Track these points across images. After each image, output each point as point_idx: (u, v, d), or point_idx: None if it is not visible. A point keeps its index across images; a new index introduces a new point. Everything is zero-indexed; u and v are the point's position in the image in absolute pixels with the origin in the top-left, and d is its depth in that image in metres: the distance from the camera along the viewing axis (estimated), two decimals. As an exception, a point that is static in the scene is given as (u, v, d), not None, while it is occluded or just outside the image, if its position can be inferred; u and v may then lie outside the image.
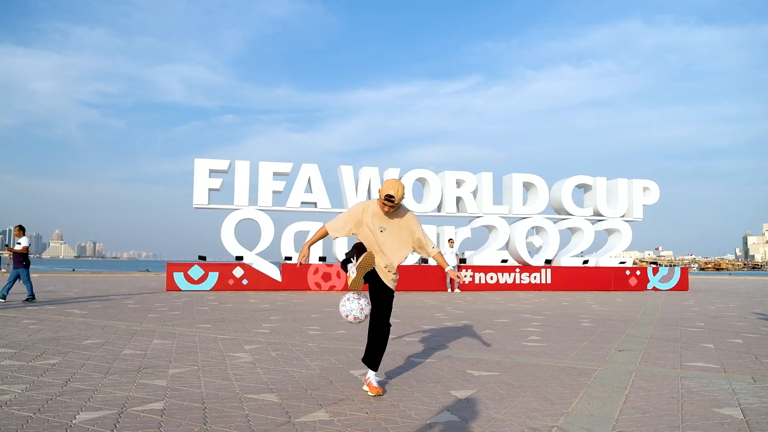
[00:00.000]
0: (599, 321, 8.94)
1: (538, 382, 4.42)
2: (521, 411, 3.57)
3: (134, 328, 7.31)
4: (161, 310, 9.76)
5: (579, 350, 6.00)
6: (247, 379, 4.38)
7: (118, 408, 3.51)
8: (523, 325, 8.31)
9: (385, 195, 3.78)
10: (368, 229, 3.94)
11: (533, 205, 18.87)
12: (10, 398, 3.71)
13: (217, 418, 3.32)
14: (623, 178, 19.57)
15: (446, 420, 3.36)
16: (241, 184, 16.60)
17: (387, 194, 3.77)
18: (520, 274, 18.16)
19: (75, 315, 8.84)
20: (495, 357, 5.53)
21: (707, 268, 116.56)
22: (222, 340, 6.39)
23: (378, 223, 3.93)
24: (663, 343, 6.56)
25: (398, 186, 3.78)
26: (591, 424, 3.31)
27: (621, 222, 19.37)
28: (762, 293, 18.03)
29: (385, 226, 3.93)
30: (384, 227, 3.92)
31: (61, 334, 6.64)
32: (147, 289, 15.99)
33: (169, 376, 4.46)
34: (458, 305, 11.74)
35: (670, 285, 19.26)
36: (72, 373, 4.51)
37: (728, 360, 5.51)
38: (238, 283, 15.93)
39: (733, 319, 9.56)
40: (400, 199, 3.81)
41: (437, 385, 4.26)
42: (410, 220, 4.01)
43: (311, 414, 3.45)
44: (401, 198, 3.81)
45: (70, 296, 12.87)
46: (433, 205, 18.02)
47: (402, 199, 3.83)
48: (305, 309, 10.38)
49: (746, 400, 3.90)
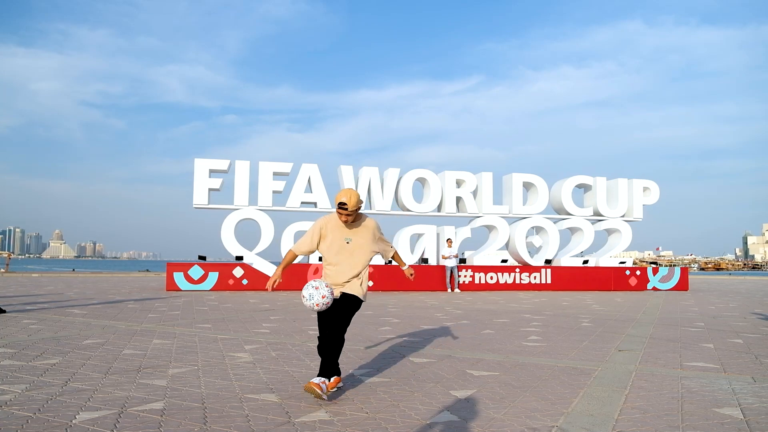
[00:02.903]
0: (599, 321, 8.94)
1: (538, 382, 4.42)
2: (521, 411, 3.57)
3: (134, 328, 7.31)
4: (161, 310, 9.76)
5: (579, 350, 6.00)
6: (247, 379, 4.38)
7: (118, 408, 3.51)
8: (523, 325, 8.31)
9: (338, 203, 3.82)
10: (330, 242, 3.98)
11: (533, 205, 18.87)
12: (10, 398, 3.71)
13: (217, 418, 3.33)
14: (623, 178, 19.58)
15: (446, 420, 3.36)
16: (241, 184, 16.60)
17: (339, 202, 3.81)
18: (520, 274, 18.16)
19: (75, 315, 8.84)
20: (495, 357, 5.53)
21: (707, 268, 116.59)
22: (222, 340, 6.39)
23: (342, 235, 3.98)
24: (663, 343, 6.56)
25: (351, 194, 3.83)
26: (591, 424, 3.31)
27: (621, 222, 19.37)
28: (762, 293, 18.03)
29: (349, 236, 3.98)
30: (349, 238, 3.97)
31: (61, 334, 6.64)
32: (147, 289, 15.99)
33: (169, 376, 4.46)
34: (458, 305, 11.73)
35: (670, 285, 19.26)
36: (72, 373, 4.51)
37: (728, 360, 5.51)
38: (238, 283, 15.93)
39: (733, 319, 9.56)
40: (355, 207, 3.82)
41: (437, 385, 4.26)
42: (370, 225, 4.07)
43: (311, 414, 3.45)
44: (355, 206, 3.82)
45: (70, 296, 12.86)
46: (433, 205, 18.02)
47: (357, 207, 3.85)
48: (305, 309, 10.37)
49: (746, 400, 3.90)
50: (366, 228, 4.04)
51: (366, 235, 4.02)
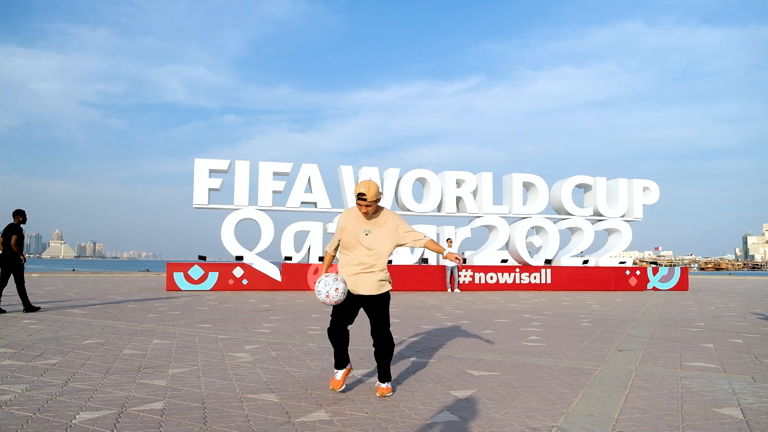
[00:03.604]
0: (599, 321, 8.94)
1: (538, 382, 4.42)
2: (521, 411, 3.57)
3: (134, 328, 7.31)
4: (161, 310, 9.76)
5: (579, 350, 6.00)
6: (247, 379, 4.38)
7: (118, 408, 3.51)
8: (523, 325, 8.31)
9: (357, 193, 3.82)
10: (349, 234, 3.98)
11: (533, 205, 18.87)
12: (10, 398, 3.71)
13: (217, 418, 3.32)
14: (623, 178, 19.58)
15: (446, 420, 3.36)
16: (241, 184, 16.60)
17: (359, 192, 3.81)
18: (520, 274, 18.16)
19: (75, 315, 8.84)
20: (495, 357, 5.53)
21: (707, 268, 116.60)
22: (222, 340, 6.39)
23: (362, 227, 3.96)
24: (663, 343, 6.56)
25: (369, 184, 3.81)
26: (591, 424, 3.31)
27: (621, 222, 19.37)
28: (762, 293, 18.03)
29: (369, 228, 3.95)
30: (368, 230, 3.95)
31: (61, 334, 6.64)
32: (147, 289, 15.99)
33: (169, 376, 4.46)
34: (458, 305, 11.73)
35: (670, 285, 19.26)
36: (72, 373, 4.51)
37: (728, 360, 5.51)
38: (238, 283, 15.93)
39: (733, 319, 9.57)
40: (374, 197, 3.81)
41: (437, 385, 4.26)
42: (390, 217, 4.02)
43: (311, 414, 3.45)
44: (374, 196, 3.80)
45: (70, 296, 12.87)
46: (433, 205, 18.02)
47: (376, 198, 3.83)
48: (305, 309, 10.38)
49: (746, 400, 3.90)
50: (387, 220, 3.99)
51: (387, 226, 3.97)
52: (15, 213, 9.43)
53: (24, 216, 9.47)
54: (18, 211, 9.43)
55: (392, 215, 4.05)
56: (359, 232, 3.95)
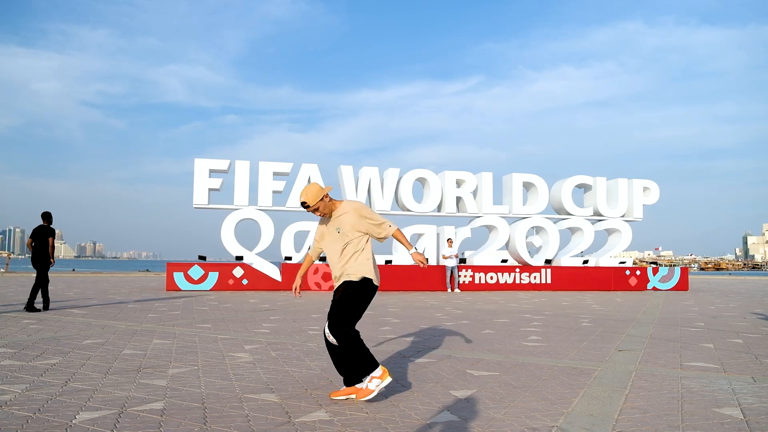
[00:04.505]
0: (599, 321, 8.94)
1: (538, 382, 4.42)
2: (521, 411, 3.57)
3: (134, 328, 7.31)
4: (161, 310, 9.76)
5: (579, 350, 6.00)
6: (247, 379, 4.38)
7: (118, 408, 3.51)
8: (523, 325, 8.31)
9: (300, 203, 3.94)
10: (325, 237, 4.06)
11: (533, 205, 18.87)
12: (10, 398, 3.71)
13: (217, 418, 3.33)
14: (623, 178, 19.58)
15: (446, 420, 3.36)
16: (241, 184, 16.61)
17: (301, 202, 3.92)
18: (520, 274, 18.16)
19: (75, 315, 8.84)
20: (495, 357, 5.53)
21: (707, 268, 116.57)
22: (222, 340, 6.39)
23: (333, 228, 4.01)
24: (663, 343, 6.56)
25: (306, 190, 3.89)
26: (591, 424, 3.31)
27: (621, 222, 19.37)
28: (762, 293, 18.03)
29: (338, 226, 3.98)
30: (339, 227, 3.98)
31: (61, 334, 6.64)
32: (147, 289, 15.99)
33: (169, 376, 4.46)
34: (458, 305, 11.73)
35: (670, 285, 19.26)
36: (72, 373, 4.52)
37: (728, 360, 5.51)
38: (238, 283, 15.93)
39: (733, 319, 9.56)
40: (315, 200, 3.85)
41: (437, 385, 4.26)
42: (351, 208, 4.00)
43: (311, 414, 3.45)
44: (315, 198, 3.85)
45: (70, 296, 12.87)
46: (433, 205, 18.02)
47: (320, 198, 3.87)
48: (305, 309, 10.38)
49: (746, 400, 3.90)
50: (347, 212, 4.00)
51: (349, 219, 3.99)
52: (46, 215, 9.61)
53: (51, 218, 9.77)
54: (49, 213, 9.64)
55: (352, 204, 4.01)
56: (333, 233, 4.00)
